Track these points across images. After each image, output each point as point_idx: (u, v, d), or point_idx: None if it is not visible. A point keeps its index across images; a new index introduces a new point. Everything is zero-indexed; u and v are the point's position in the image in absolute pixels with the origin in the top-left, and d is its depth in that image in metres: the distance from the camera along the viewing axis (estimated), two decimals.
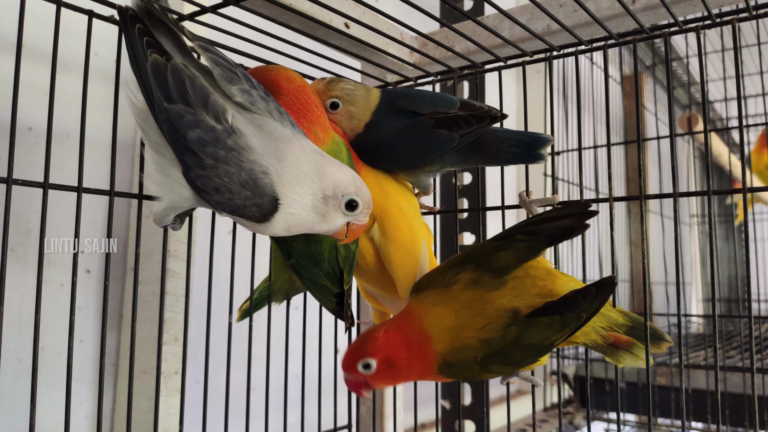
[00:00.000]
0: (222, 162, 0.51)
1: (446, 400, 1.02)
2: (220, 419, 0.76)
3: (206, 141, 0.50)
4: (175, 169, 0.54)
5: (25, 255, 0.87)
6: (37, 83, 0.85)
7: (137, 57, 0.53)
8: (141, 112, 0.55)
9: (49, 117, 0.56)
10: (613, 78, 2.40)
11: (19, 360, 0.85)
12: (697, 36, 0.60)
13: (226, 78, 0.53)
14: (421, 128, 0.67)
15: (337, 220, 0.55)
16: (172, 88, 0.51)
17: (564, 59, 1.90)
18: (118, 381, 0.96)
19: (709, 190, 0.57)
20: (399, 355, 0.58)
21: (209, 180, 0.51)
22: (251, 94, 0.53)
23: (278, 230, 0.54)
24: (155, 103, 0.52)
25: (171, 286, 0.92)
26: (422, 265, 0.68)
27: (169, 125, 0.51)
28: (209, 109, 0.51)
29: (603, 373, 1.68)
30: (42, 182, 0.55)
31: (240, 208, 0.52)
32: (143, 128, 0.56)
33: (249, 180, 0.51)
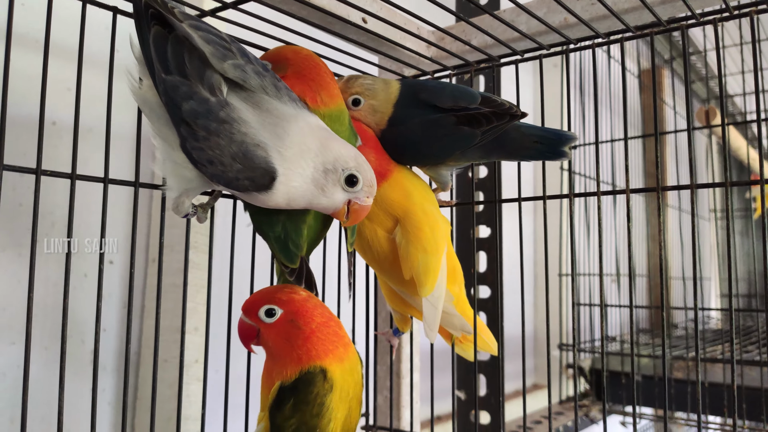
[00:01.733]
0: (213, 134, 0.51)
1: (462, 391, 1.03)
2: (240, 408, 0.77)
3: (199, 113, 0.51)
4: (176, 150, 0.55)
5: (50, 246, 0.89)
6: (60, 79, 0.87)
7: (142, 30, 0.53)
8: (141, 96, 0.56)
9: (77, 106, 0.58)
10: (630, 71, 2.38)
11: (44, 348, 0.87)
12: (715, 28, 0.60)
13: (218, 56, 0.52)
14: (443, 125, 0.67)
15: (336, 194, 0.55)
16: (170, 59, 0.52)
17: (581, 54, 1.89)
18: (140, 369, 0.98)
19: (727, 182, 0.57)
20: (308, 321, 0.57)
21: (203, 152, 0.52)
22: (245, 70, 0.53)
23: (280, 202, 0.55)
24: (156, 75, 0.53)
25: (192, 277, 0.94)
26: (443, 268, 0.68)
27: (167, 96, 0.52)
28: (205, 82, 0.51)
29: (619, 367, 1.68)
30: (69, 173, 0.56)
31: (233, 181, 0.53)
32: (144, 111, 0.57)
33: (239, 153, 0.51)
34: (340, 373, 0.58)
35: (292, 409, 0.56)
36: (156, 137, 0.57)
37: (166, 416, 0.93)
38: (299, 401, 0.56)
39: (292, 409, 0.56)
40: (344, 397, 0.58)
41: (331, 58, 0.80)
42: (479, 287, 1.08)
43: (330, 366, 0.57)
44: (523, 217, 0.76)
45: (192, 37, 0.52)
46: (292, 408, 0.56)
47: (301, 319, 0.57)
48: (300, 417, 0.55)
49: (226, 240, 0.78)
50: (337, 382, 0.57)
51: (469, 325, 0.68)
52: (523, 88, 0.80)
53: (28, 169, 0.53)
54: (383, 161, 0.70)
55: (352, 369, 0.60)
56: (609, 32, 0.69)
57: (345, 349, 0.59)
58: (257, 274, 0.77)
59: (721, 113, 0.56)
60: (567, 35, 0.71)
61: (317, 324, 0.58)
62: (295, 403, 0.56)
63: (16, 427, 0.83)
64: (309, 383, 0.56)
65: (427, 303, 0.63)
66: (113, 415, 0.95)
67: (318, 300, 0.61)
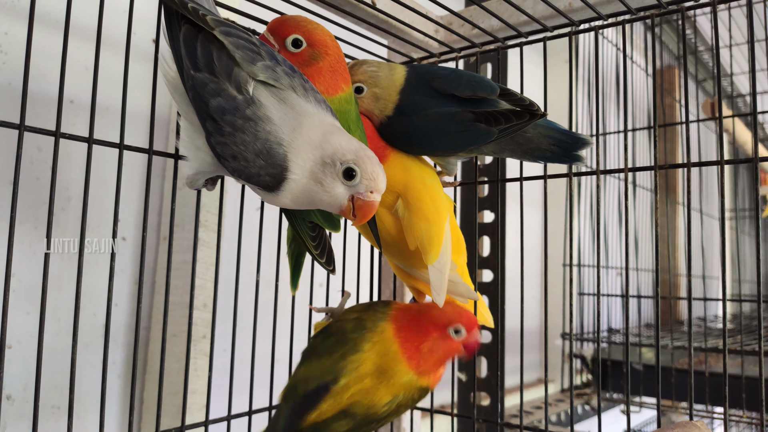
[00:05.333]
0: (239, 131, 0.52)
1: (462, 373, 1.05)
2: (245, 386, 0.79)
3: (226, 109, 0.52)
4: (200, 136, 0.56)
5: (65, 221, 0.92)
6: (77, 59, 0.90)
7: (172, 27, 0.56)
8: (172, 81, 0.58)
9: (95, 76, 0.60)
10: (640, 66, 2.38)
11: (57, 319, 0.90)
12: (713, 11, 0.62)
13: (248, 59, 0.54)
14: (459, 121, 0.66)
15: (336, 189, 0.54)
16: (199, 57, 0.53)
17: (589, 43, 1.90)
18: (149, 344, 1.01)
19: (721, 160, 0.58)
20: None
21: (227, 147, 0.53)
22: (275, 71, 0.55)
23: (286, 200, 0.55)
24: (184, 71, 0.55)
25: (201, 255, 0.96)
26: (446, 235, 0.68)
27: (195, 92, 0.54)
28: (232, 80, 0.53)
29: (621, 356, 1.69)
30: (87, 137, 0.59)
31: (254, 176, 0.54)
32: (174, 96, 0.59)
33: (263, 150, 0.53)
34: (407, 378, 0.63)
35: (362, 308, 0.66)
36: (183, 120, 0.59)
37: (174, 389, 0.95)
38: (369, 308, 0.66)
39: (362, 308, 0.66)
40: (389, 386, 0.62)
41: (341, 38, 0.82)
42: (482, 271, 1.10)
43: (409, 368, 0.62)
44: (529, 210, 0.77)
45: (224, 44, 0.54)
46: (363, 308, 0.65)
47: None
48: (361, 314, 0.65)
49: (234, 218, 0.80)
50: (399, 375, 0.62)
51: (474, 293, 0.69)
52: (530, 80, 0.81)
53: (48, 131, 0.56)
54: (379, 146, 0.71)
55: (407, 387, 0.63)
56: (610, 14, 0.70)
57: (430, 376, 0.64)
58: (264, 250, 0.79)
59: (717, 89, 0.58)
60: (572, 18, 0.73)
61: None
62: (366, 308, 0.65)
63: (28, 394, 0.86)
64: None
65: (433, 269, 0.64)
66: (122, 387, 0.98)
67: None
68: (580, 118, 1.87)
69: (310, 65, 0.64)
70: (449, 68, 0.73)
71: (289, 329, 0.82)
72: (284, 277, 0.78)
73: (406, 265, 0.72)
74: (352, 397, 0.60)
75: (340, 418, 0.61)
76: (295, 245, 0.75)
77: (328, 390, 0.60)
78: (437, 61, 0.88)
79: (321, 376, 0.60)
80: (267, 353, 0.80)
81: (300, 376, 0.61)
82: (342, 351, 0.60)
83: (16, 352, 0.85)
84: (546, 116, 0.66)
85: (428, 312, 0.63)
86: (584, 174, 0.71)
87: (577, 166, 0.69)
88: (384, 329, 0.62)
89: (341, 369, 0.60)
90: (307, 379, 0.61)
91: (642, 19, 0.66)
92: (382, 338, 0.62)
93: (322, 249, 0.64)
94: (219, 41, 0.54)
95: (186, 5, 0.54)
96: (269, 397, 0.79)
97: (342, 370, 0.60)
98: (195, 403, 0.95)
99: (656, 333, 0.66)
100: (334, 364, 0.60)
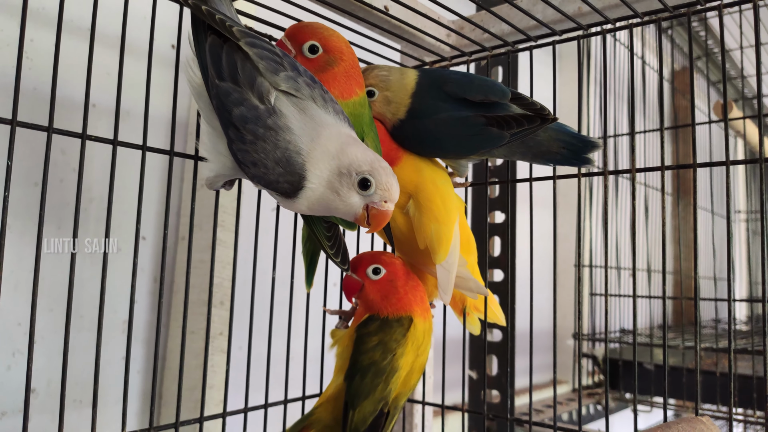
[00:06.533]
0: (260, 139, 0.54)
1: (473, 371, 1.06)
2: (260, 383, 0.81)
3: (248, 118, 0.54)
4: (222, 141, 0.59)
5: (87, 221, 0.95)
6: (98, 64, 0.92)
7: (199, 36, 0.58)
8: (196, 87, 0.60)
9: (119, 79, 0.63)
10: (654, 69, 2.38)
11: (80, 316, 0.93)
12: (719, 14, 0.63)
13: (271, 69, 0.56)
14: (471, 125, 0.68)
15: (351, 198, 0.56)
16: (224, 66, 0.56)
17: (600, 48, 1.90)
18: (168, 340, 1.03)
19: (727, 161, 0.59)
20: (404, 283, 0.68)
21: (248, 154, 0.55)
22: (297, 81, 0.57)
23: (302, 206, 0.57)
24: (209, 80, 0.57)
25: (218, 254, 0.99)
26: (456, 235, 0.69)
27: (218, 101, 0.56)
28: (255, 90, 0.55)
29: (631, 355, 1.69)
30: (112, 139, 0.61)
31: (273, 183, 0.56)
32: (198, 102, 0.61)
33: (283, 158, 0.55)
34: (421, 327, 0.68)
35: (377, 329, 0.66)
36: (206, 125, 0.61)
37: (191, 385, 0.97)
38: (384, 325, 0.66)
39: (377, 329, 0.66)
40: (415, 348, 0.67)
41: (355, 43, 0.84)
42: (493, 271, 1.12)
43: (415, 317, 0.68)
44: (540, 211, 0.78)
45: (248, 54, 0.56)
46: (378, 328, 0.66)
47: (399, 280, 0.68)
48: (382, 336, 0.65)
49: (250, 219, 0.83)
50: (417, 331, 0.67)
51: (484, 288, 0.71)
52: (540, 85, 0.82)
53: (74, 133, 0.58)
54: (391, 149, 0.73)
55: (426, 332, 0.69)
56: (618, 18, 0.71)
57: (427, 312, 0.70)
58: (280, 250, 0.81)
59: (723, 90, 0.59)
60: (580, 22, 0.74)
61: (410, 286, 0.69)
62: (381, 326, 0.66)
63: (52, 388, 0.89)
64: (397, 319, 0.67)
65: (441, 269, 0.66)
66: (142, 382, 1.01)
67: (409, 268, 0.71)
68: (593, 119, 1.88)
69: (325, 70, 0.66)
70: (461, 72, 0.74)
71: (304, 329, 0.84)
72: (299, 276, 0.80)
73: (417, 262, 0.74)
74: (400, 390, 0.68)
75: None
76: (310, 244, 0.77)
77: (385, 413, 0.66)
78: (449, 65, 0.90)
79: (375, 411, 0.65)
80: (282, 350, 0.82)
81: (357, 420, 0.65)
82: (384, 379, 0.65)
83: (39, 347, 0.88)
84: (557, 119, 0.67)
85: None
86: (593, 174, 0.72)
87: (586, 167, 0.70)
88: (408, 335, 0.67)
89: (390, 392, 0.66)
90: (365, 419, 0.65)
91: (650, 23, 0.67)
92: (413, 337, 0.67)
93: (338, 248, 0.66)
94: (243, 52, 0.56)
95: (213, 16, 0.56)
96: (284, 392, 0.81)
97: (391, 392, 0.66)
98: (212, 398, 0.98)
99: (664, 333, 0.67)
100: (382, 394, 0.65)
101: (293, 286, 0.81)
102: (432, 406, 0.90)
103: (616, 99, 2.12)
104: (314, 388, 0.87)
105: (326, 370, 0.89)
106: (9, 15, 0.85)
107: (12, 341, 0.86)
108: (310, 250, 0.77)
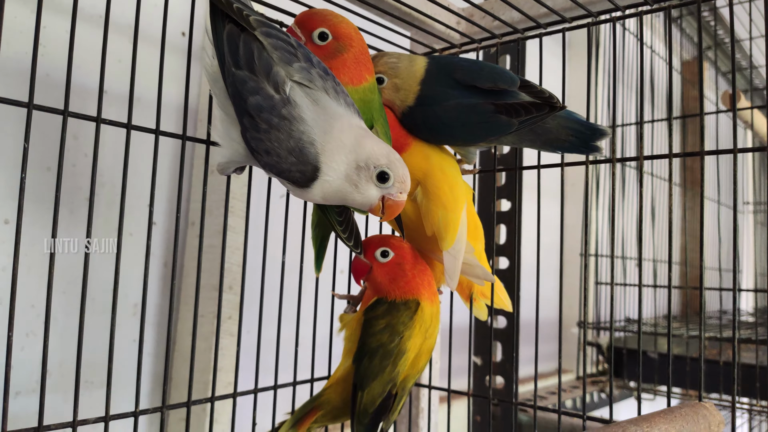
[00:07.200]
0: (274, 128, 0.55)
1: (478, 357, 1.07)
2: (269, 366, 0.82)
3: (263, 107, 0.55)
4: (236, 129, 0.60)
5: (98, 205, 0.96)
6: (110, 51, 0.93)
7: (216, 24, 0.58)
8: (212, 74, 0.61)
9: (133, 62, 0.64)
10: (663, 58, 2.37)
11: (92, 299, 0.94)
12: (730, 3, 0.63)
13: (285, 60, 0.57)
14: (480, 112, 0.68)
15: (369, 190, 0.58)
16: (241, 55, 0.56)
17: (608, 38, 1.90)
18: (178, 323, 1.05)
19: (734, 149, 0.60)
20: (412, 266, 0.69)
21: (262, 143, 0.56)
22: (310, 72, 0.58)
23: (316, 196, 0.59)
24: (225, 68, 0.57)
25: (228, 239, 1.00)
26: (463, 222, 0.70)
27: (234, 89, 0.57)
28: (270, 79, 0.56)
29: (636, 344, 1.70)
30: (126, 123, 0.62)
31: (285, 172, 0.57)
32: (213, 89, 0.62)
33: (296, 148, 0.56)
34: (428, 310, 0.69)
35: (384, 312, 0.67)
36: (220, 111, 0.62)
37: (200, 367, 0.99)
38: (392, 308, 0.67)
39: (384, 312, 0.67)
40: (423, 331, 0.68)
41: (365, 29, 0.85)
42: (499, 259, 1.12)
43: (422, 300, 0.69)
44: (547, 201, 0.79)
45: (263, 44, 0.57)
46: (385, 311, 0.67)
47: (407, 264, 0.69)
48: (389, 320, 0.66)
49: (259, 205, 0.83)
50: (425, 314, 0.68)
51: (491, 275, 0.72)
52: (548, 70, 0.82)
53: (89, 116, 0.59)
54: (400, 135, 0.73)
55: (433, 316, 0.70)
56: (628, 5, 0.72)
57: (434, 296, 0.71)
58: (289, 235, 0.82)
59: (733, 85, 0.59)
60: (590, 9, 0.75)
61: (418, 270, 0.70)
62: (388, 309, 0.67)
63: (64, 369, 0.91)
64: (404, 302, 0.68)
65: (448, 255, 0.67)
66: (152, 365, 1.02)
67: (417, 252, 0.72)
68: (601, 108, 1.87)
69: (335, 57, 0.67)
70: (470, 60, 0.75)
71: (312, 314, 0.85)
72: (308, 261, 0.81)
73: (425, 249, 0.75)
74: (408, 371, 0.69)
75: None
76: (320, 229, 0.78)
77: (393, 394, 0.67)
78: (458, 52, 0.90)
79: (383, 392, 0.66)
80: (291, 335, 0.84)
81: (365, 401, 0.66)
82: (392, 361, 0.66)
83: (52, 329, 0.88)
84: (565, 107, 0.67)
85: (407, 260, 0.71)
86: (601, 162, 0.72)
87: (594, 155, 0.70)
88: (416, 318, 0.68)
89: (398, 374, 0.66)
90: (373, 400, 0.66)
91: (660, 11, 0.67)
92: (421, 320, 0.68)
93: (350, 231, 0.67)
94: (260, 41, 0.57)
95: (231, 5, 0.57)
96: (293, 374, 0.82)
97: (399, 374, 0.67)
98: (221, 380, 0.99)
99: (668, 321, 0.68)
100: (391, 376, 0.66)
101: (302, 271, 0.82)
102: (438, 391, 0.91)
103: (624, 89, 2.11)
104: (323, 372, 0.89)
105: (334, 354, 0.91)
106: (22, 2, 0.85)
107: (26, 323, 0.87)
108: (320, 235, 0.78)
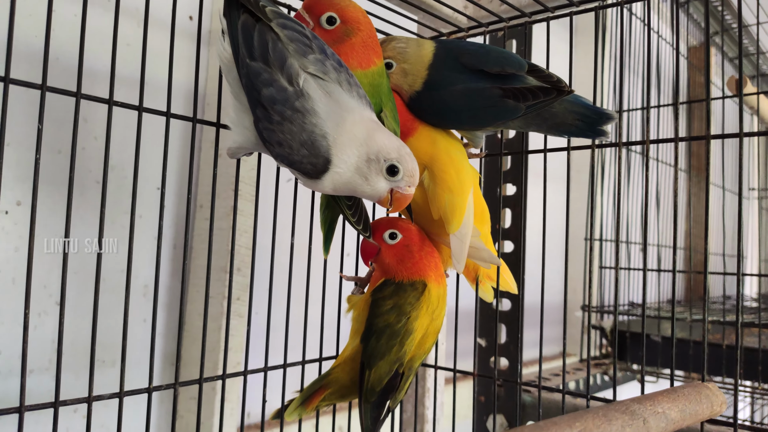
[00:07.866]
0: (287, 120, 0.56)
1: (483, 339, 1.09)
2: (279, 346, 0.84)
3: (277, 99, 0.56)
4: (248, 117, 0.60)
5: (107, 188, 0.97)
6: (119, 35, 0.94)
7: (232, 14, 0.59)
8: (226, 63, 0.61)
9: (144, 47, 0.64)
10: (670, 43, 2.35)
11: (102, 280, 0.95)
12: None
13: (300, 52, 0.57)
14: (487, 96, 0.68)
15: (379, 183, 0.59)
16: (256, 46, 0.57)
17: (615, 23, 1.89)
18: (187, 304, 1.06)
19: (740, 133, 0.60)
20: (419, 249, 0.70)
21: (274, 134, 0.57)
22: (324, 64, 0.58)
23: (326, 188, 0.59)
24: (240, 58, 0.58)
25: (237, 222, 1.01)
26: (469, 206, 0.71)
27: (248, 79, 0.57)
28: (284, 72, 0.56)
29: (640, 328, 1.71)
30: (137, 105, 0.63)
31: (297, 163, 0.58)
32: (227, 77, 0.62)
33: (308, 141, 0.56)
34: (435, 292, 0.69)
35: (391, 293, 0.68)
36: (233, 99, 0.62)
37: (210, 347, 1.01)
38: (399, 289, 0.68)
39: (391, 293, 0.68)
40: (429, 312, 0.69)
41: (373, 13, 0.85)
42: (504, 242, 1.13)
43: (429, 282, 0.70)
44: (552, 185, 0.79)
45: (279, 36, 0.57)
46: (392, 292, 0.68)
47: (415, 246, 0.70)
48: (396, 300, 0.67)
49: (269, 188, 0.84)
50: (431, 295, 0.69)
51: (497, 258, 0.73)
52: (554, 54, 0.83)
53: (101, 99, 0.60)
54: (408, 120, 0.74)
55: (440, 297, 0.71)
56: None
57: (441, 278, 0.72)
58: (298, 218, 0.83)
59: (740, 71, 0.59)
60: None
61: (425, 252, 0.71)
62: (395, 290, 0.68)
63: (75, 349, 0.92)
64: (411, 283, 0.69)
65: (454, 239, 0.68)
66: (163, 345, 1.04)
67: (425, 235, 0.73)
68: (607, 92, 1.87)
69: (343, 41, 0.67)
70: (478, 44, 0.75)
71: (321, 296, 0.86)
72: (316, 244, 0.82)
73: (431, 232, 0.76)
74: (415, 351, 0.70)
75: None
76: (328, 212, 0.79)
77: (400, 374, 0.68)
78: (465, 36, 0.90)
79: (390, 371, 0.67)
80: (300, 315, 0.85)
81: (373, 379, 0.67)
82: (398, 341, 0.67)
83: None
84: (573, 92, 0.67)
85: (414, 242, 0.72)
86: (607, 146, 0.73)
87: (600, 139, 0.71)
88: (423, 299, 0.69)
89: (405, 354, 0.67)
90: (380, 379, 0.67)
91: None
92: (428, 301, 0.69)
93: (359, 216, 0.68)
94: (275, 32, 0.57)
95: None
96: (302, 353, 0.84)
97: (406, 354, 0.68)
98: (230, 360, 1.01)
99: (672, 305, 0.68)
100: (397, 355, 0.67)
101: (311, 253, 0.83)
102: (444, 371, 0.92)
103: (630, 74, 2.11)
104: (331, 351, 0.90)
105: (342, 334, 0.92)
106: None
107: (38, 302, 0.89)
108: (329, 218, 0.79)
